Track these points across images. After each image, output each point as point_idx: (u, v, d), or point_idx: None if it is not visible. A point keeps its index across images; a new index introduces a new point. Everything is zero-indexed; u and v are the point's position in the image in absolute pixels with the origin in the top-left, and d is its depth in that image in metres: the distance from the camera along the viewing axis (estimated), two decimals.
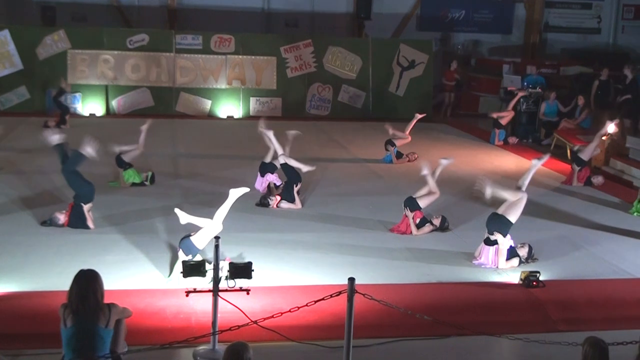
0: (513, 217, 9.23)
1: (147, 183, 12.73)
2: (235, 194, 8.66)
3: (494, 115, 19.01)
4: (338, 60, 22.39)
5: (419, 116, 16.24)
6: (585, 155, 14.29)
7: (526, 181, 9.55)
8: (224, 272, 6.88)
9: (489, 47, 27.94)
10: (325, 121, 21.52)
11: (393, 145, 15.65)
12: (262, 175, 12.54)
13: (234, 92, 21.81)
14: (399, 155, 15.67)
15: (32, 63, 20.77)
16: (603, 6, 28.44)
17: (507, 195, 9.38)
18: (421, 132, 18.35)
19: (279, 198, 11.69)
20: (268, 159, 12.56)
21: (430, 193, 10.65)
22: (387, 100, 22.62)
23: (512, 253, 9.25)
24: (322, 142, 17.74)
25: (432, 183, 10.66)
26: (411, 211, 10.49)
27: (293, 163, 11.90)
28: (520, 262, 9.26)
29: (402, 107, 22.18)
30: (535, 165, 9.89)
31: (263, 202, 11.66)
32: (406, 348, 7.25)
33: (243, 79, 21.82)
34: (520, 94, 19.30)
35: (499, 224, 9.22)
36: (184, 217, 8.62)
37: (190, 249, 8.31)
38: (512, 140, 18.85)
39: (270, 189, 12.14)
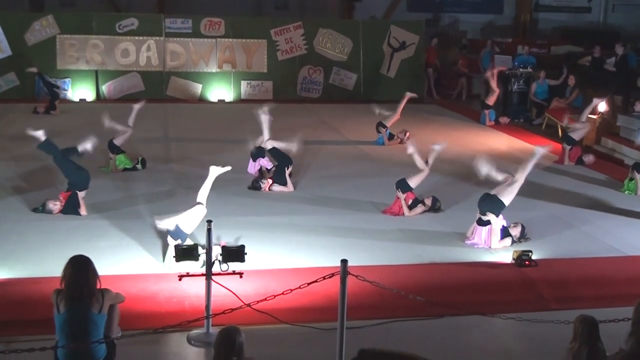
0: (506, 199, 9.24)
1: (139, 167, 12.71)
2: (215, 171, 8.63)
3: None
4: (329, 42, 22.32)
5: (409, 95, 16.17)
6: (577, 135, 14.32)
7: (526, 170, 9.53)
8: (217, 255, 6.88)
9: (480, 27, 27.92)
10: (317, 103, 21.49)
11: (384, 127, 15.63)
12: (254, 160, 12.53)
13: (224, 76, 21.74)
14: (390, 136, 15.66)
15: (21, 49, 20.66)
16: None
17: (501, 178, 9.41)
18: (412, 113, 18.33)
19: (270, 181, 11.69)
20: (257, 144, 12.53)
21: (419, 172, 10.66)
22: (379, 81, 22.57)
23: (504, 233, 9.28)
24: (313, 125, 17.71)
25: (419, 161, 10.67)
26: (403, 193, 10.50)
27: (281, 145, 11.90)
28: (513, 241, 9.28)
29: (394, 89, 22.12)
30: (538, 154, 9.85)
31: (255, 186, 11.66)
32: (399, 329, 7.27)
33: (234, 62, 21.74)
34: (494, 71, 19.08)
35: (492, 204, 9.23)
36: (168, 223, 8.30)
37: (179, 234, 8.29)
38: (504, 120, 18.86)
39: (262, 172, 12.14)
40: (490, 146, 15.82)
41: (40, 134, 10.28)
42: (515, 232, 9.41)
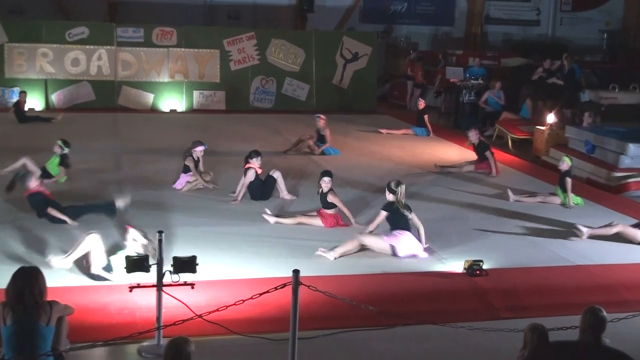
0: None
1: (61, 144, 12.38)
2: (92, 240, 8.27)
3: (384, 132, 18.79)
4: (281, 52, 22.33)
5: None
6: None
7: None
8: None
9: (431, 39, 28.23)
10: (269, 114, 21.46)
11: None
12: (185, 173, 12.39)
13: (176, 86, 21.60)
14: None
15: None
16: None
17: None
18: (362, 124, 18.43)
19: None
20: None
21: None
22: (331, 92, 22.65)
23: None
24: (265, 135, 17.67)
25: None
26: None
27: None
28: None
29: (346, 99, 22.35)
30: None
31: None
32: (352, 339, 7.28)
33: (186, 72, 21.63)
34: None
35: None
36: (64, 262, 8.14)
37: (110, 269, 8.18)
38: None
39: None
40: (440, 157, 15.88)
41: None
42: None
